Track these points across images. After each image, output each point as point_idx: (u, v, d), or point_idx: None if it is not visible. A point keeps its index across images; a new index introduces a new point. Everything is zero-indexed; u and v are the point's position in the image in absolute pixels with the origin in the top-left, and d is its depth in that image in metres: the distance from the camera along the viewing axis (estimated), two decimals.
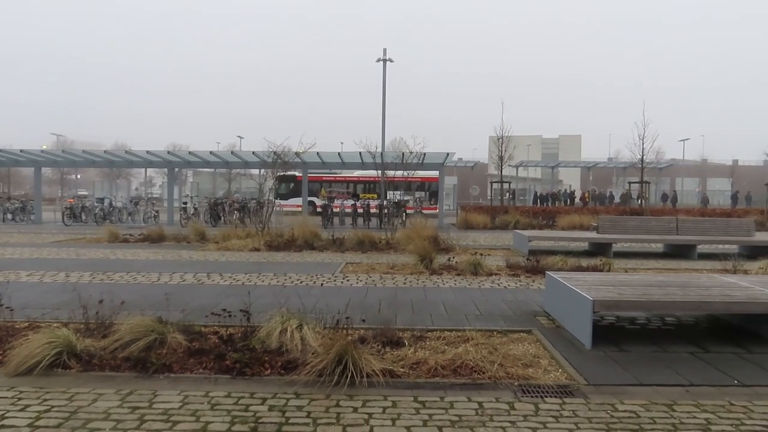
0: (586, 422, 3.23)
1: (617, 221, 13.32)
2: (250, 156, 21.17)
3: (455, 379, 3.96)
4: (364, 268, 9.43)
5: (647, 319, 5.84)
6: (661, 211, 26.33)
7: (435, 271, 8.89)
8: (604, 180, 60.85)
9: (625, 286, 5.47)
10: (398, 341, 4.79)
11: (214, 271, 8.90)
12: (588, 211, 24.35)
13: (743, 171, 66.35)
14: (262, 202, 16.89)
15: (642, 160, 22.68)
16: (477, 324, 5.53)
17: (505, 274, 8.79)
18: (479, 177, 56.29)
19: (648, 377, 4.04)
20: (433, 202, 30.06)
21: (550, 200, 41.41)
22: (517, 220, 20.56)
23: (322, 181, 33.40)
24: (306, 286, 7.72)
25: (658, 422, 3.24)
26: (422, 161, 19.36)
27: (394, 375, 4.00)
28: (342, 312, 5.56)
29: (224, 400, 3.52)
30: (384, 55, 26.95)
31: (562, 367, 4.25)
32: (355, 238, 12.67)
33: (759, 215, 22.54)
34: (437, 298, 6.84)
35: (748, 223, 12.97)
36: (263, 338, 4.55)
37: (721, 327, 5.57)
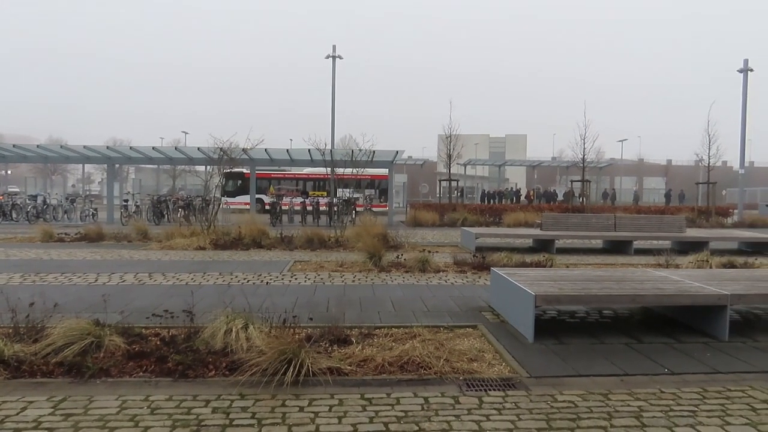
0: (527, 414, 3.33)
1: (560, 218, 13.80)
2: (196, 152, 20.62)
3: (402, 375, 3.99)
4: (313, 266, 9.36)
5: (586, 313, 6.08)
6: (601, 208, 27.44)
7: (384, 268, 8.93)
8: (548, 178, 62.80)
9: (565, 281, 5.67)
10: (346, 339, 4.78)
11: (156, 271, 8.61)
12: (533, 209, 25.08)
13: (676, 170, 70.10)
14: (208, 199, 16.48)
15: (583, 159, 23.58)
16: (424, 320, 5.60)
17: (452, 270, 8.93)
18: (429, 175, 56.92)
19: (586, 368, 4.20)
20: (383, 200, 30.17)
21: (497, 198, 42.44)
22: (465, 218, 20.93)
23: (271, 179, 32.89)
24: (253, 285, 7.59)
25: (594, 411, 3.38)
26: (372, 159, 19.40)
27: (342, 373, 3.99)
28: (289, 311, 5.48)
29: (165, 404, 3.41)
30: (333, 51, 26.80)
31: (505, 361, 4.36)
32: (304, 236, 12.56)
33: (690, 212, 23.85)
34: (385, 296, 6.87)
35: (680, 220, 13.71)
36: (207, 339, 4.44)
37: (654, 318, 5.85)
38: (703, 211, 24.23)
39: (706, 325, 5.23)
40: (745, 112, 26.22)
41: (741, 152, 26.99)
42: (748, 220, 23.66)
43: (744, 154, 27.19)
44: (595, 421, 3.23)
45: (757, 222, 23.15)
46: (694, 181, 32.75)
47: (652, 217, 14.41)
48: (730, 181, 47.11)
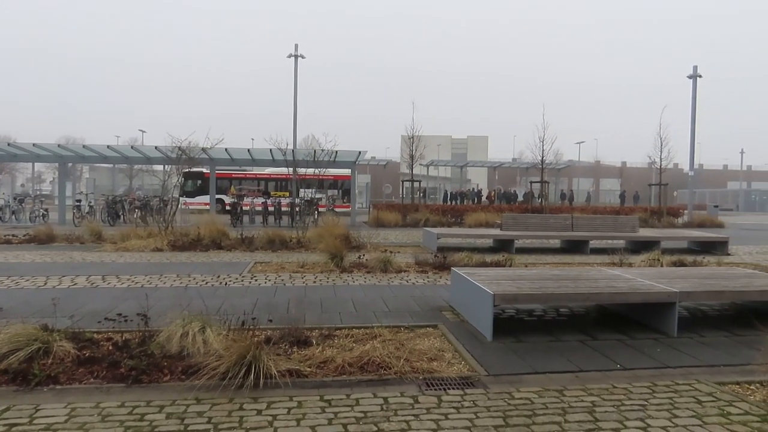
0: (485, 411, 3.37)
1: (519, 219, 14.05)
2: (153, 151, 20.09)
3: (362, 375, 3.98)
4: (274, 267, 9.26)
5: (544, 311, 6.21)
6: (559, 209, 28.09)
7: (345, 269, 8.90)
8: (509, 179, 63.93)
9: (523, 280, 5.78)
10: (306, 340, 4.74)
11: (110, 273, 8.34)
12: (494, 209, 25.47)
13: (631, 172, 72.42)
14: (166, 200, 16.07)
15: (542, 161, 24.08)
16: (385, 320, 5.61)
17: (414, 270, 8.98)
18: (392, 175, 57.13)
19: (542, 365, 4.29)
20: (345, 200, 30.11)
21: (459, 199, 42.93)
22: (428, 218, 21.08)
23: (232, 179, 32.35)
24: (211, 287, 7.44)
25: (549, 407, 3.45)
26: (334, 159, 19.33)
27: (301, 375, 3.96)
28: (248, 313, 5.39)
29: (117, 411, 3.30)
30: (295, 50, 26.55)
31: (464, 360, 4.41)
32: (265, 237, 12.41)
33: (643, 213, 24.68)
34: (347, 296, 6.85)
35: (633, 220, 14.17)
36: (163, 343, 4.33)
37: (608, 316, 6.03)
38: (655, 211, 25.11)
39: (657, 321, 5.42)
40: (695, 117, 27.31)
41: (690, 155, 28.08)
42: (697, 220, 24.63)
43: (693, 157, 28.30)
44: (551, 417, 3.30)
45: (706, 222, 24.13)
46: (647, 183, 33.94)
47: (607, 218, 14.85)
48: (681, 182, 48.97)
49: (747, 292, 5.60)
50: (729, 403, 3.57)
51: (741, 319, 5.80)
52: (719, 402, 3.58)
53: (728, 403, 3.56)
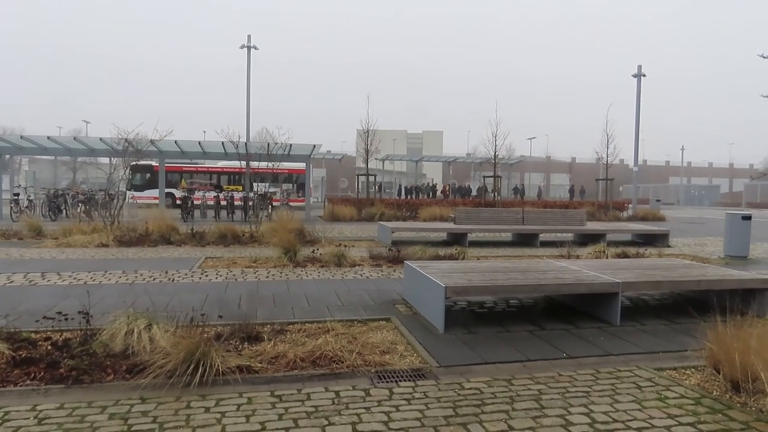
0: (436, 402, 3.42)
1: (472, 213, 14.29)
2: (97, 143, 19.32)
3: (314, 370, 3.96)
4: (225, 262, 9.08)
5: (494, 303, 6.33)
6: (511, 203, 28.71)
7: (299, 263, 8.83)
8: (463, 174, 64.91)
9: (474, 272, 5.87)
10: (258, 336, 4.68)
11: (50, 270, 7.97)
12: (448, 204, 25.82)
13: (580, 167, 74.77)
14: (112, 193, 15.48)
15: (495, 156, 24.56)
16: (339, 314, 5.60)
17: (368, 264, 8.99)
18: (348, 170, 56.95)
19: (492, 356, 4.38)
20: (300, 195, 29.82)
21: (415, 193, 43.24)
22: (383, 212, 21.15)
23: (183, 172, 31.49)
24: (159, 283, 7.22)
25: (498, 396, 3.53)
26: (288, 153, 19.12)
27: (252, 371, 3.90)
28: (198, 309, 5.30)
29: (55, 413, 3.16)
30: (248, 41, 26.00)
31: (416, 352, 4.45)
32: (217, 232, 12.14)
33: (590, 207, 25.56)
34: (300, 291, 6.79)
35: (581, 214, 14.65)
36: (106, 341, 4.18)
37: (556, 306, 6.21)
38: (601, 205, 26.03)
39: (601, 311, 5.62)
40: (639, 114, 28.41)
41: (635, 152, 29.22)
42: (641, 214, 25.69)
43: (638, 153, 29.44)
44: (499, 405, 3.37)
45: (648, 215, 25.19)
46: (594, 178, 35.15)
47: (556, 212, 15.28)
48: (626, 177, 50.91)
49: (684, 281, 5.88)
50: (666, 387, 3.74)
51: (679, 308, 6.09)
52: (657, 387, 3.75)
53: (665, 388, 3.73)
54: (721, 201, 59.65)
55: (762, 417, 3.25)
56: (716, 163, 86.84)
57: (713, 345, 3.89)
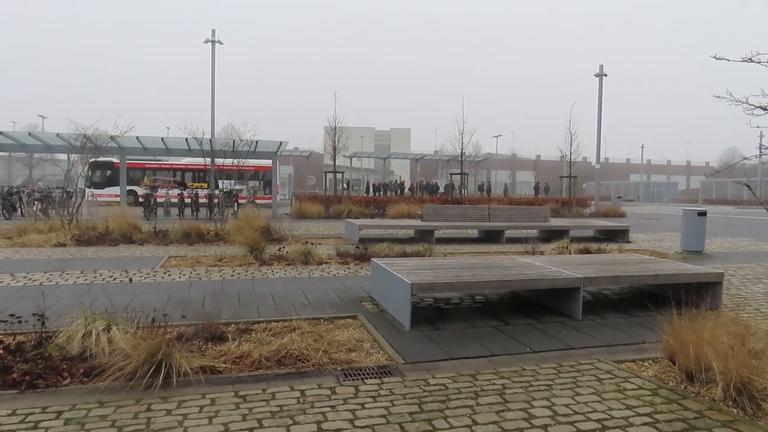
0: (401, 399, 3.43)
1: (439, 210, 14.39)
2: (54, 138, 18.68)
3: (279, 369, 3.92)
4: (189, 261, 8.90)
5: (460, 299, 6.40)
6: (478, 200, 29.09)
7: (265, 261, 8.73)
8: (430, 171, 65.31)
9: (440, 269, 5.92)
10: (222, 336, 4.61)
11: (3, 271, 7.67)
12: (415, 201, 25.95)
13: (544, 165, 76.25)
14: (71, 191, 15.00)
15: (461, 154, 24.79)
16: (305, 313, 5.56)
17: (335, 262, 8.95)
18: (316, 167, 56.63)
19: (457, 351, 4.42)
20: (267, 192, 29.50)
21: (382, 190, 43.28)
22: (350, 210, 21.11)
23: (145, 169, 30.74)
24: (120, 283, 7.03)
25: (463, 392, 3.56)
26: (254, 149, 18.89)
27: (215, 371, 3.84)
28: (160, 309, 5.18)
29: (7, 420, 3.04)
30: (213, 36, 25.55)
31: (383, 349, 4.45)
32: (181, 230, 11.91)
33: (554, 204, 26.09)
34: (266, 289, 6.72)
35: (545, 211, 14.91)
36: (62, 344, 4.05)
37: (520, 302, 6.31)
38: (565, 202, 26.60)
39: (563, 305, 5.74)
40: (601, 113, 29.13)
41: (597, 150, 29.96)
42: (603, 210, 26.35)
43: (600, 151, 30.21)
44: (463, 401, 3.41)
45: (610, 212, 25.86)
46: (559, 175, 35.90)
47: (521, 208, 15.52)
48: (589, 175, 52.12)
49: (642, 276, 6.05)
50: (625, 379, 3.85)
51: (638, 302, 6.27)
52: (616, 379, 3.85)
53: (624, 380, 3.83)
54: (678, 198, 61.74)
55: (714, 405, 3.37)
56: (674, 161, 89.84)
57: (669, 337, 4.02)
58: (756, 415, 3.24)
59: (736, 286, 7.49)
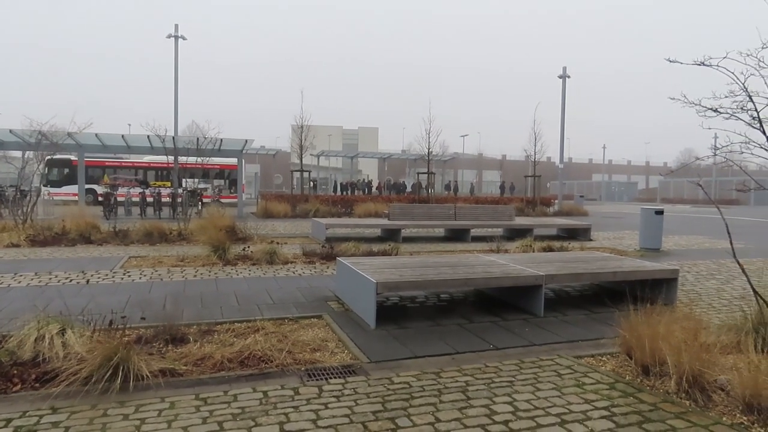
0: (365, 398, 3.42)
1: (406, 209, 14.44)
2: (7, 135, 17.98)
3: (242, 371, 3.87)
4: (150, 261, 8.69)
5: (426, 297, 6.43)
6: (444, 199, 29.30)
7: (229, 261, 8.60)
8: (398, 170, 65.48)
9: (406, 268, 5.94)
10: (183, 338, 4.52)
11: None
12: (383, 200, 25.98)
13: (510, 165, 77.35)
14: (25, 190, 14.46)
15: (428, 153, 24.95)
16: (269, 313, 5.50)
17: (301, 261, 8.89)
18: (283, 165, 56.08)
19: (422, 349, 4.44)
20: (233, 191, 29.08)
21: (350, 189, 43.21)
22: (317, 209, 20.99)
23: (105, 167, 29.91)
24: (76, 284, 6.81)
25: (426, 389, 3.58)
26: (219, 148, 18.58)
27: (176, 374, 3.76)
28: (119, 311, 5.04)
29: None
30: (175, 31, 24.96)
31: (348, 348, 4.44)
32: (143, 230, 11.62)
33: (519, 203, 26.49)
34: (229, 290, 6.61)
35: (510, 210, 15.15)
36: (13, 349, 3.89)
37: (484, 299, 6.38)
38: (530, 201, 27.07)
39: (526, 303, 5.84)
40: (564, 114, 29.74)
41: (560, 150, 30.57)
42: (566, 209, 26.92)
43: (563, 152, 30.82)
44: (427, 398, 3.43)
45: (573, 211, 26.44)
46: (523, 175, 36.50)
47: (487, 207, 15.72)
48: (553, 174, 53.16)
49: (602, 273, 6.21)
50: (584, 374, 3.94)
51: (598, 298, 6.42)
52: (576, 374, 3.94)
53: (583, 374, 3.92)
54: (638, 197, 63.59)
55: (668, 398, 3.48)
56: (634, 161, 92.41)
57: (626, 333, 4.13)
58: (707, 406, 3.36)
59: (690, 282, 7.76)
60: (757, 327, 4.30)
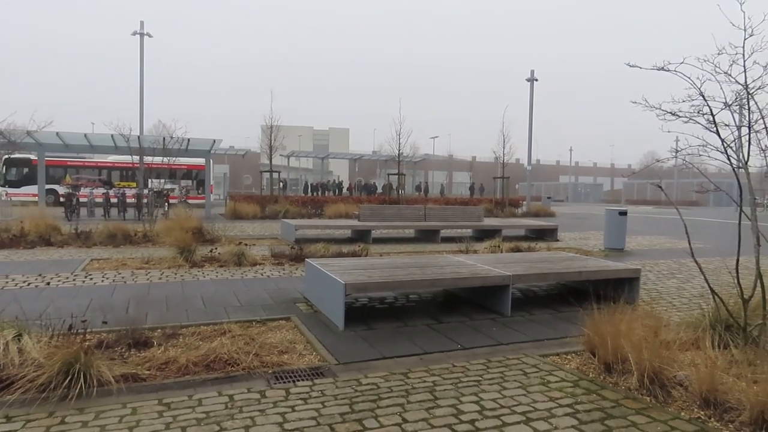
0: (332, 400, 3.41)
1: (376, 210, 14.44)
2: None
3: (207, 374, 3.80)
4: (114, 263, 8.47)
5: (395, 298, 6.44)
6: (415, 200, 29.42)
7: (196, 263, 8.45)
8: (369, 171, 65.47)
9: (375, 269, 5.93)
10: (146, 342, 4.41)
11: None
12: (354, 201, 25.93)
13: (480, 166, 78.19)
14: None
15: (399, 154, 25.03)
16: (236, 315, 5.43)
17: (269, 263, 8.79)
18: (252, 166, 55.42)
19: (390, 350, 4.44)
20: (201, 191, 28.60)
21: (321, 190, 42.99)
22: (287, 210, 20.82)
23: (67, 167, 29.05)
24: (35, 288, 6.59)
25: (394, 390, 3.58)
26: (186, 147, 18.24)
27: (138, 379, 3.67)
28: (79, 315, 4.88)
29: None
30: (141, 28, 24.44)
31: (316, 350, 4.41)
32: (106, 231, 11.31)
33: (488, 204, 26.80)
34: (196, 292, 6.50)
35: (479, 211, 15.31)
36: None
37: (453, 300, 6.42)
38: (498, 202, 27.41)
39: (494, 303, 5.90)
40: (532, 117, 30.24)
41: (528, 152, 31.06)
42: (534, 210, 27.35)
43: (531, 153, 31.33)
44: (395, 399, 3.43)
45: (541, 212, 26.88)
46: (492, 176, 36.93)
47: (456, 208, 15.84)
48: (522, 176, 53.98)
49: (567, 273, 6.32)
50: (549, 372, 4.00)
51: (564, 298, 6.54)
52: (541, 372, 4.00)
53: (548, 373, 3.99)
54: (603, 198, 65.09)
55: (629, 394, 3.57)
56: (600, 163, 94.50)
57: (590, 331, 4.21)
58: (666, 402, 3.45)
59: (652, 281, 7.97)
60: (714, 324, 4.44)
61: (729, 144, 4.05)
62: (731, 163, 4.09)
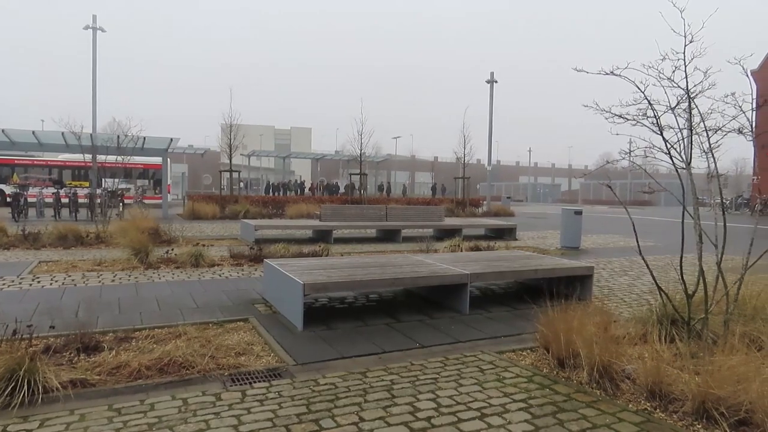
0: (289, 401, 3.38)
1: (338, 210, 14.40)
2: None
3: (161, 378, 3.71)
4: (63, 266, 8.17)
5: (355, 298, 6.44)
6: (377, 200, 29.46)
7: (151, 265, 8.23)
8: (332, 171, 65.23)
9: (334, 269, 5.92)
10: (96, 346, 4.27)
11: None
12: (316, 201, 25.79)
13: (441, 166, 78.98)
14: None
15: (361, 154, 25.02)
16: (193, 317, 5.32)
17: (228, 264, 8.65)
18: (212, 165, 54.39)
19: (349, 350, 4.44)
20: (157, 191, 27.88)
21: (282, 190, 42.58)
22: (248, 210, 20.52)
23: (15, 165, 27.85)
24: None
25: (352, 390, 3.59)
26: (142, 146, 17.79)
27: (87, 384, 3.55)
28: (25, 320, 4.70)
29: None
30: (93, 22, 23.64)
31: (274, 351, 4.37)
32: (56, 233, 10.90)
33: (450, 204, 27.11)
34: (150, 294, 6.34)
35: (440, 210, 15.46)
36: None
37: (413, 299, 6.47)
38: (459, 202, 27.74)
39: (453, 301, 5.97)
40: (492, 118, 30.74)
41: (489, 152, 31.57)
42: (494, 210, 27.81)
43: (491, 154, 31.85)
44: (352, 399, 3.43)
45: (501, 212, 27.35)
46: (454, 176, 37.36)
47: (418, 208, 15.95)
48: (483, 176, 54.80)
49: (524, 271, 6.46)
50: (505, 368, 4.08)
51: (520, 295, 6.67)
52: (497, 369, 4.07)
53: (504, 369, 4.06)
54: (561, 198, 66.76)
55: (581, 388, 3.67)
56: (558, 164, 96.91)
57: (544, 327, 4.31)
58: (615, 394, 3.57)
59: (605, 279, 8.22)
60: (661, 319, 4.62)
61: (672, 145, 4.22)
62: (674, 164, 4.26)
